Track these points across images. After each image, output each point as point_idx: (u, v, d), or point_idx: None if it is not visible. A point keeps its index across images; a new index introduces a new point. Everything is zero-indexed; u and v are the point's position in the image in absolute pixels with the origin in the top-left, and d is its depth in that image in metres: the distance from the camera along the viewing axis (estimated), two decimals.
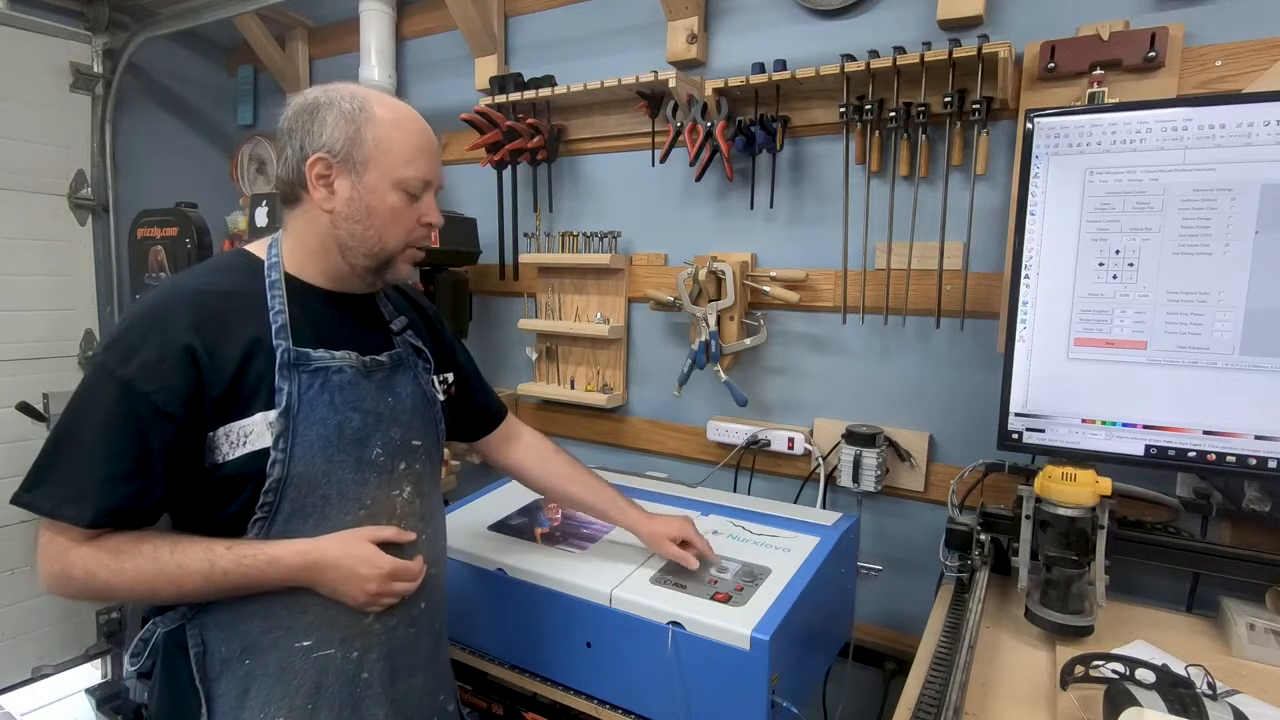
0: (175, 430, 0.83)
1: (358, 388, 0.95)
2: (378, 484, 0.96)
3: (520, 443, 1.27)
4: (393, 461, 0.98)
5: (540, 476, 1.25)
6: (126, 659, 0.94)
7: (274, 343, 0.89)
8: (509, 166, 1.94)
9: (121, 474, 0.82)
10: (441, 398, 1.09)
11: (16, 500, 0.84)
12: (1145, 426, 1.13)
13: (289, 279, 0.94)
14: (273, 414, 0.87)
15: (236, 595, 0.88)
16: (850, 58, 1.42)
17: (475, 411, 1.22)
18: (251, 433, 0.87)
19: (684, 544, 1.21)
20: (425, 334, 1.10)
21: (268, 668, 0.91)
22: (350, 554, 0.91)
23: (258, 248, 0.98)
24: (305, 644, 0.92)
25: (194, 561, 0.85)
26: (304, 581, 0.90)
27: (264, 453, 0.87)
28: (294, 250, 0.96)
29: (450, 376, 1.14)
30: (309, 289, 0.96)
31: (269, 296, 0.92)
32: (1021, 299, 1.19)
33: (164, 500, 0.86)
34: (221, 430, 0.86)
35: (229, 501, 0.88)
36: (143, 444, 0.82)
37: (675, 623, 1.07)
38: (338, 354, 0.94)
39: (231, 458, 0.86)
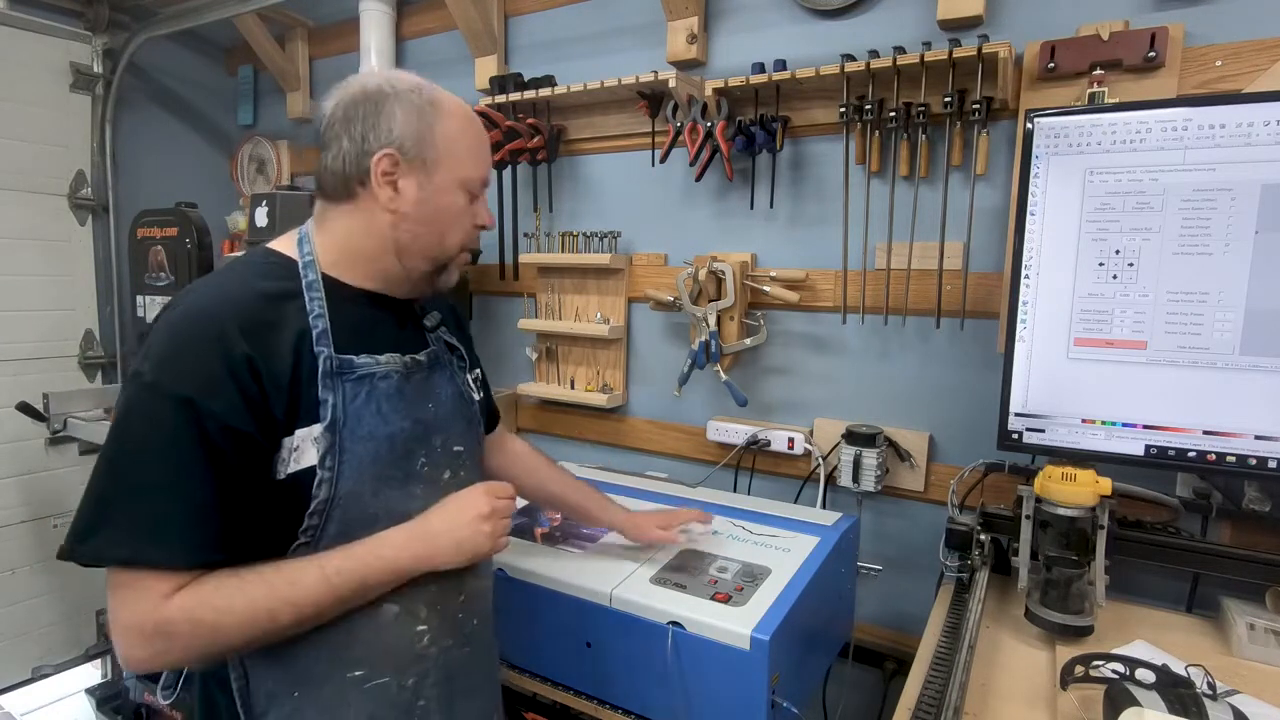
0: (250, 447, 0.76)
1: (404, 394, 0.88)
2: (424, 496, 0.89)
3: (507, 446, 1.24)
4: (438, 472, 0.92)
5: (527, 480, 1.23)
6: (159, 689, 0.87)
7: (315, 349, 0.81)
8: (509, 166, 1.94)
9: (206, 502, 0.73)
10: (478, 396, 1.04)
11: (71, 555, 0.71)
12: (1145, 426, 1.13)
13: (325, 280, 0.86)
14: (318, 428, 0.79)
15: (349, 607, 0.81)
16: (850, 58, 1.42)
17: (487, 413, 1.18)
18: (298, 448, 0.79)
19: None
20: (455, 330, 1.04)
21: (319, 702, 0.84)
22: (446, 508, 0.88)
23: (285, 246, 0.88)
24: (358, 674, 0.85)
25: (303, 572, 0.77)
26: (420, 554, 0.84)
27: (310, 471, 0.79)
28: (333, 249, 0.87)
29: (479, 373, 1.08)
30: (347, 289, 0.88)
31: (307, 299, 0.83)
32: (1021, 299, 1.19)
33: (250, 529, 0.77)
34: (281, 445, 0.79)
35: (272, 525, 0.80)
36: (221, 465, 0.74)
37: (675, 623, 1.07)
38: (382, 358, 0.87)
39: (283, 476, 0.78)
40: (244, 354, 0.75)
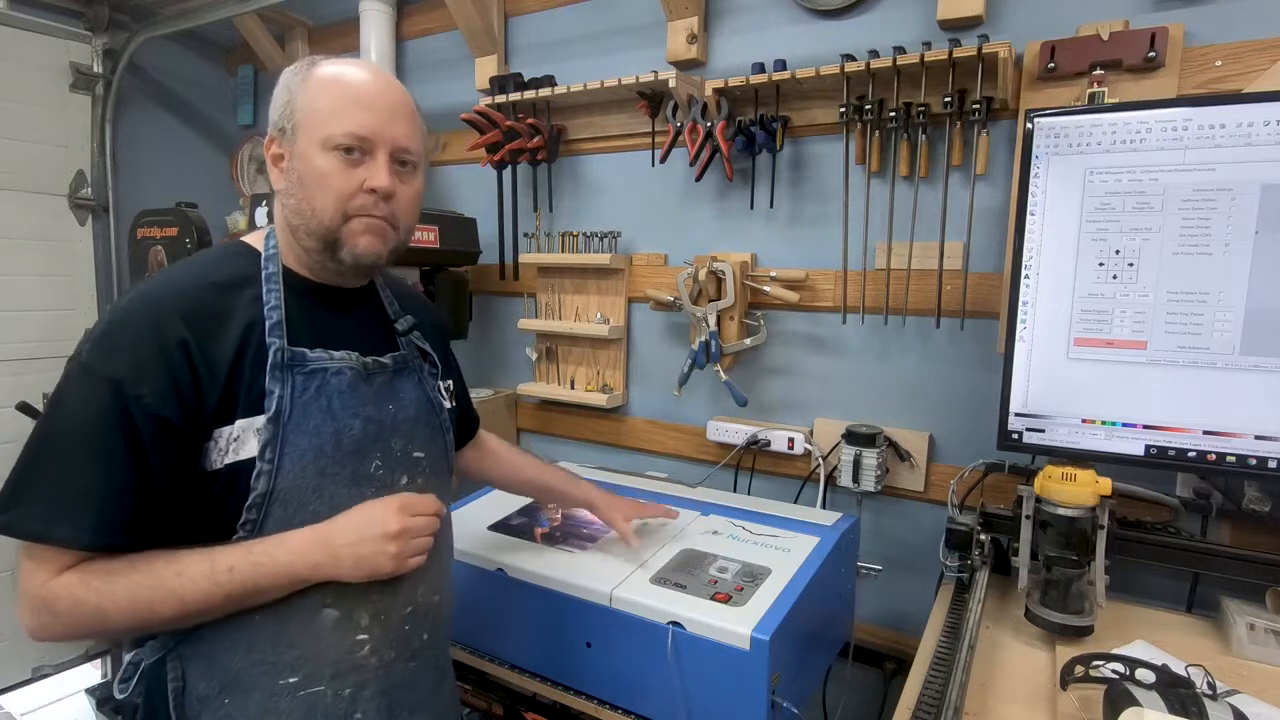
0: (173, 435, 0.75)
1: (358, 392, 0.86)
2: (375, 499, 0.86)
3: (484, 446, 1.25)
4: (392, 476, 0.90)
5: (502, 472, 1.25)
6: (115, 684, 0.84)
7: (266, 340, 0.80)
8: (509, 166, 1.94)
9: (120, 486, 0.73)
10: (449, 405, 1.02)
11: None
12: (1145, 426, 1.13)
13: (287, 273, 0.86)
14: (260, 420, 0.78)
15: (243, 606, 0.79)
16: (850, 58, 1.42)
17: (465, 421, 1.18)
18: (238, 439, 0.78)
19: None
20: (432, 336, 1.02)
21: (249, 709, 0.81)
22: (354, 516, 0.83)
23: (255, 239, 0.89)
24: (291, 680, 0.82)
25: (193, 565, 0.75)
26: (318, 563, 0.80)
27: (249, 463, 0.78)
28: (281, 242, 0.88)
29: (451, 383, 1.05)
30: (306, 283, 0.88)
31: (264, 290, 0.83)
32: (1021, 299, 1.19)
33: (164, 517, 0.76)
34: (213, 435, 0.77)
35: (211, 517, 0.79)
36: (140, 452, 0.73)
37: (675, 623, 1.07)
38: (337, 354, 0.85)
39: (218, 466, 0.77)
40: (180, 339, 0.75)
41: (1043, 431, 1.20)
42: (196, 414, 0.76)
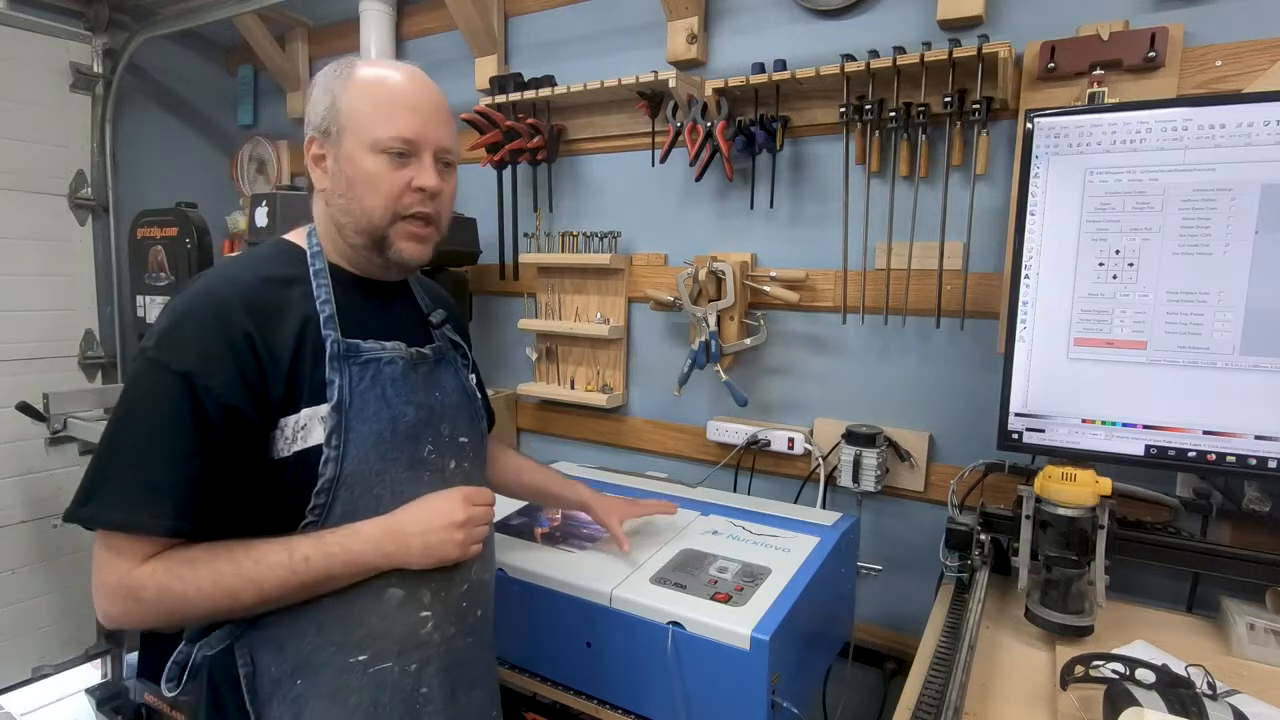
0: (242, 424, 0.78)
1: (408, 380, 0.90)
2: (430, 484, 0.91)
3: (491, 448, 1.25)
4: (443, 460, 0.94)
5: (501, 476, 1.24)
6: (164, 684, 0.86)
7: (322, 333, 0.84)
8: (509, 166, 1.94)
9: (195, 475, 0.76)
10: (479, 395, 1.06)
11: (71, 517, 0.75)
12: (1145, 426, 1.13)
13: (333, 268, 0.90)
14: (324, 408, 0.82)
15: (316, 593, 0.83)
16: (850, 58, 1.42)
17: (487, 414, 1.19)
18: (304, 427, 0.81)
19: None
20: (457, 330, 1.06)
21: (320, 689, 0.85)
22: (422, 508, 0.87)
23: (298, 237, 0.93)
24: (360, 659, 0.86)
25: (272, 554, 0.79)
26: (389, 552, 0.84)
27: (317, 450, 0.81)
28: (323, 238, 0.92)
29: (474, 378, 1.09)
30: (350, 278, 0.92)
31: (315, 285, 0.87)
32: (1021, 299, 1.19)
33: (236, 505, 0.80)
34: (279, 424, 0.81)
35: (281, 503, 0.82)
36: (211, 441, 0.76)
37: (675, 623, 1.07)
38: (388, 345, 0.89)
39: (287, 454, 0.81)
40: (245, 331, 0.78)
41: (1043, 431, 1.20)
42: (264, 403, 0.79)
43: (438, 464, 0.93)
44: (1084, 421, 1.17)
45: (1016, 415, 1.21)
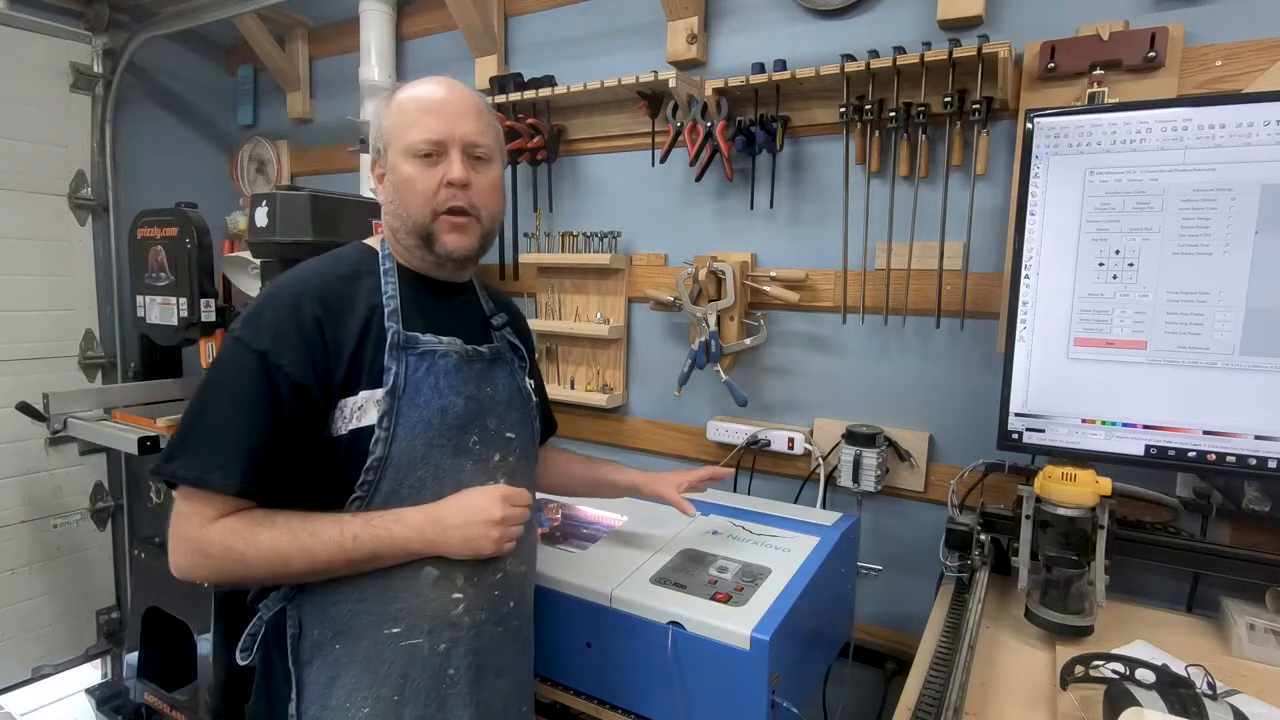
0: (307, 400, 0.86)
1: (461, 374, 0.97)
2: (473, 472, 0.97)
3: (545, 451, 1.28)
4: (488, 451, 1.00)
5: (554, 471, 1.29)
6: (238, 653, 0.95)
7: (385, 324, 0.93)
8: (509, 166, 1.94)
9: (264, 443, 0.84)
10: (535, 398, 1.12)
11: (159, 471, 0.85)
12: (1145, 426, 1.13)
13: (400, 268, 0.99)
14: (380, 392, 0.90)
15: (360, 570, 0.90)
16: (850, 58, 1.42)
17: (546, 420, 1.24)
18: (361, 408, 0.89)
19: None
20: (520, 336, 1.14)
21: (356, 655, 0.92)
22: (463, 501, 0.93)
23: (374, 240, 1.03)
24: (394, 631, 0.92)
25: (325, 529, 0.86)
26: (430, 540, 0.91)
27: (369, 430, 0.89)
28: (389, 242, 1.01)
29: (533, 383, 1.14)
30: (417, 277, 1.00)
31: (383, 281, 0.96)
32: (1021, 299, 1.19)
33: (296, 476, 0.88)
34: (339, 404, 0.89)
35: (333, 478, 0.90)
36: (278, 415, 0.85)
37: (675, 623, 1.07)
38: (444, 339, 0.97)
39: (343, 432, 0.89)
40: (315, 317, 0.88)
41: (1043, 431, 1.20)
42: (326, 383, 0.88)
43: (482, 454, 0.99)
44: (1084, 421, 1.17)
45: (1016, 415, 1.21)
